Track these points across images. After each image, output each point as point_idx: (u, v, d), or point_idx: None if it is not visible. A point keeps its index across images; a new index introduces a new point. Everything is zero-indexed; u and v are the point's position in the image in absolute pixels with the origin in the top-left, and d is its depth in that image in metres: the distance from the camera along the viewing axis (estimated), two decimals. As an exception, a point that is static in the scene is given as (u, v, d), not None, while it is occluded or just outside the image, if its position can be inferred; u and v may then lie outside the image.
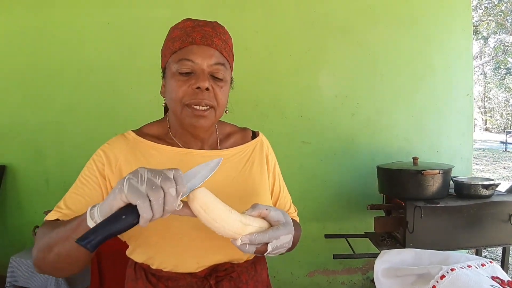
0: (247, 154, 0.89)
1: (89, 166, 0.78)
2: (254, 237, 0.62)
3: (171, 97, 0.76)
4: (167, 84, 0.78)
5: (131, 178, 0.53)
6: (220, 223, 0.60)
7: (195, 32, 0.75)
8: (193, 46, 0.75)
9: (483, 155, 11.85)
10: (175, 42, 0.76)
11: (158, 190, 0.52)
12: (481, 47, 17.13)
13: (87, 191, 0.75)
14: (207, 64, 0.75)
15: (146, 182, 0.52)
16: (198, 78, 0.74)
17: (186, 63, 0.74)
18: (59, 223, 0.69)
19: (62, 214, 0.73)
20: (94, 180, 0.75)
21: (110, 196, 0.55)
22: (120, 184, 0.53)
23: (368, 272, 2.49)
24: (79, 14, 2.39)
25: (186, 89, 0.74)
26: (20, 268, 2.12)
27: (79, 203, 0.74)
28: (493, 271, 0.63)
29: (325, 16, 2.36)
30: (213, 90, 0.75)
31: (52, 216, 0.74)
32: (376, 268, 0.69)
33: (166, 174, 0.54)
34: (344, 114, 2.39)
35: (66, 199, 0.75)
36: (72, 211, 0.72)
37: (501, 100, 20.79)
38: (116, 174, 0.76)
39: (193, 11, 2.29)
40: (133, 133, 0.83)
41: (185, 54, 0.74)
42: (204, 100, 0.74)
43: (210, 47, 0.76)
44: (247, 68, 2.27)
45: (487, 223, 1.79)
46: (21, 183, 2.53)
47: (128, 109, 2.39)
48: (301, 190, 2.37)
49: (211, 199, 0.60)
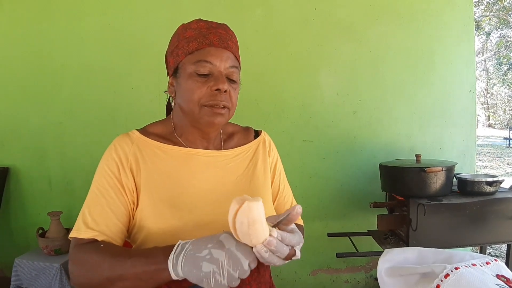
0: (251, 154, 0.89)
1: (105, 174, 0.76)
2: (285, 235, 0.61)
3: (188, 98, 0.76)
4: (183, 84, 0.77)
5: (216, 271, 0.57)
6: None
7: (211, 34, 0.77)
8: (211, 48, 0.76)
9: (486, 151, 11.80)
10: (190, 43, 0.77)
11: (237, 281, 0.58)
12: (483, 43, 17.04)
13: (113, 207, 0.74)
14: (224, 66, 0.77)
15: (227, 278, 0.57)
16: (217, 80, 0.75)
17: (205, 64, 0.75)
18: (116, 252, 0.68)
19: (99, 234, 0.72)
20: (115, 191, 0.75)
21: (194, 263, 0.59)
22: (205, 270, 0.58)
23: (372, 270, 2.48)
24: (80, 15, 2.39)
25: (205, 91, 0.75)
26: (24, 269, 2.13)
27: (109, 220, 0.73)
28: (498, 269, 0.63)
29: (325, 14, 2.35)
30: (229, 92, 0.77)
31: (85, 235, 0.72)
32: (379, 267, 0.69)
33: (243, 266, 0.58)
34: (346, 112, 2.38)
35: (93, 214, 0.73)
36: (107, 229, 0.73)
37: (504, 95, 20.66)
38: (131, 174, 0.76)
39: (192, 11, 2.30)
40: (137, 132, 0.83)
41: (204, 56, 0.75)
42: (223, 102, 0.75)
43: (227, 49, 0.78)
44: (247, 67, 2.24)
45: (491, 220, 1.77)
46: (25, 184, 2.53)
47: (129, 109, 2.39)
48: (303, 189, 2.36)
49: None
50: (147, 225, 0.74)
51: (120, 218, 0.75)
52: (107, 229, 0.73)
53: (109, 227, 0.73)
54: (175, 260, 0.60)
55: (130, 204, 0.76)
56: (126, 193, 0.75)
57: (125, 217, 0.76)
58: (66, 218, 2.31)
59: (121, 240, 0.76)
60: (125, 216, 0.75)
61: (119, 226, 0.75)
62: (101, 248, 0.69)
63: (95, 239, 0.72)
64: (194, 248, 0.60)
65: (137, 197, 0.76)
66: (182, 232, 0.74)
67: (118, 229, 0.74)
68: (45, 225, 2.27)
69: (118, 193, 0.75)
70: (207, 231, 0.75)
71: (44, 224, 2.28)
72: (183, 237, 0.74)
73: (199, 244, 0.61)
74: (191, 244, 0.62)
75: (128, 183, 0.76)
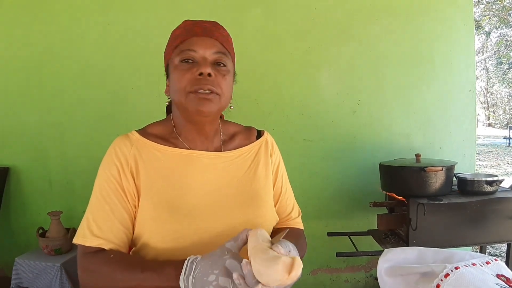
0: (252, 155, 0.88)
1: (106, 179, 0.76)
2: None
3: (175, 88, 0.77)
4: (171, 78, 0.78)
5: None
6: None
7: (196, 27, 0.78)
8: (194, 38, 0.77)
9: (486, 150, 11.79)
10: (176, 39, 0.79)
11: None
12: (483, 42, 17.01)
13: (116, 213, 0.74)
14: (209, 53, 0.77)
15: None
16: (200, 65, 0.75)
17: (188, 52, 0.76)
18: (126, 264, 0.69)
19: (105, 242, 0.72)
20: (117, 196, 0.75)
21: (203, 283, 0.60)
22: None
23: (372, 269, 2.48)
24: (80, 16, 2.38)
25: (189, 77, 0.75)
26: (25, 269, 2.13)
27: (113, 226, 0.74)
28: (498, 269, 0.63)
29: (325, 14, 2.34)
30: (216, 78, 0.75)
31: (91, 243, 0.72)
32: (379, 267, 0.69)
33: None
34: (346, 112, 2.38)
35: (97, 220, 0.74)
36: (113, 236, 0.73)
37: (504, 95, 20.64)
38: (131, 177, 0.76)
39: (193, 11, 2.30)
40: (137, 133, 0.82)
41: (187, 46, 0.77)
42: (207, 85, 0.74)
43: (211, 38, 0.78)
44: (247, 67, 2.26)
45: (491, 220, 1.77)
46: (25, 184, 2.53)
47: (129, 109, 2.39)
48: (303, 189, 2.36)
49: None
50: (147, 228, 0.74)
51: (124, 224, 0.75)
52: (112, 236, 0.73)
53: (114, 233, 0.73)
54: (185, 282, 0.61)
55: (132, 209, 0.76)
56: (128, 198, 0.76)
57: (129, 223, 0.76)
58: (66, 218, 2.31)
59: (126, 246, 0.76)
60: (129, 222, 0.76)
61: (124, 232, 0.75)
62: (111, 258, 0.70)
63: (102, 248, 0.72)
64: (202, 271, 0.61)
65: (138, 201, 0.76)
66: (182, 236, 0.74)
67: (123, 235, 0.75)
68: (45, 225, 2.27)
69: (120, 198, 0.75)
70: (207, 235, 0.75)
71: (44, 224, 2.28)
72: (182, 240, 0.73)
73: (206, 268, 0.61)
74: (200, 265, 0.62)
75: (129, 187, 0.76)
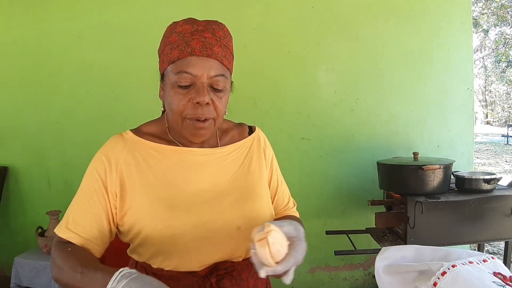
0: (245, 150, 0.89)
1: (92, 176, 0.77)
2: (285, 265, 0.64)
3: (171, 108, 0.76)
4: (166, 94, 0.77)
5: None
6: None
7: (194, 41, 0.73)
8: (192, 58, 0.73)
9: (484, 148, 11.82)
10: (173, 50, 0.74)
11: None
12: (482, 40, 17.03)
13: (93, 210, 0.76)
14: (207, 76, 0.74)
15: None
16: (198, 92, 0.73)
17: (185, 76, 0.73)
18: (74, 261, 0.70)
19: (75, 236, 0.74)
20: (98, 194, 0.76)
21: None
22: None
23: (370, 267, 2.49)
24: (78, 14, 2.38)
25: (186, 104, 0.74)
26: (25, 268, 2.13)
27: (87, 222, 0.75)
28: (494, 267, 0.63)
29: (323, 12, 2.34)
30: (213, 103, 0.75)
31: (64, 234, 0.75)
32: (377, 265, 0.69)
33: None
34: (344, 110, 2.38)
35: (74, 214, 0.76)
36: (84, 231, 0.75)
37: (502, 93, 20.68)
38: (118, 177, 0.77)
39: (190, 9, 2.30)
40: (131, 132, 0.82)
41: (184, 67, 0.73)
42: (204, 114, 0.74)
43: (210, 57, 0.73)
44: (245, 65, 2.26)
45: (489, 218, 1.78)
46: (23, 184, 2.53)
47: (127, 108, 2.39)
48: (302, 187, 2.36)
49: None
50: (145, 227, 0.75)
51: (99, 221, 0.76)
52: (84, 231, 0.75)
53: (86, 230, 0.75)
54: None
55: (112, 209, 0.77)
56: (109, 198, 0.76)
57: (104, 221, 0.76)
58: (65, 217, 2.32)
59: (97, 244, 0.76)
60: (104, 220, 0.76)
61: (98, 229, 0.76)
62: (68, 252, 0.72)
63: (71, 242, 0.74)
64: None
65: (122, 200, 0.76)
66: (180, 232, 0.74)
67: (96, 232, 0.75)
68: (44, 224, 2.27)
69: (101, 197, 0.76)
70: (205, 230, 0.75)
71: (43, 223, 2.28)
72: (181, 237, 0.74)
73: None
74: (130, 284, 0.59)
75: (113, 187, 0.76)
